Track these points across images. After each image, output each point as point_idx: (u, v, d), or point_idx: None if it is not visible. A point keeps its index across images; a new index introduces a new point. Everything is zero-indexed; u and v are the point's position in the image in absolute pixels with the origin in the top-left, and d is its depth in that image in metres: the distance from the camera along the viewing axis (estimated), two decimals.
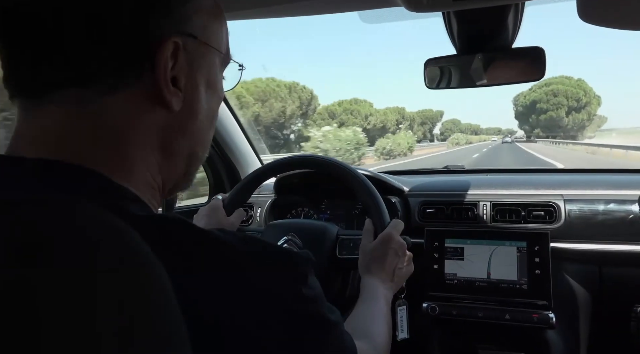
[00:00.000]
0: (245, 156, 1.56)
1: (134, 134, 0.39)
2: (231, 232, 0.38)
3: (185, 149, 0.44)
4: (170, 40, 0.38)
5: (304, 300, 0.39)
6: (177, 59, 0.39)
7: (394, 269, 0.81)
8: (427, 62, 1.05)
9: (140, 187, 0.39)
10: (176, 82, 0.40)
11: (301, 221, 1.34)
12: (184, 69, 0.40)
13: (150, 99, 0.39)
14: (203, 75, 0.43)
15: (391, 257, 0.81)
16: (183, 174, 0.46)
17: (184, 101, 0.41)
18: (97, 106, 0.37)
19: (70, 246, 0.24)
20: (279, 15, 0.88)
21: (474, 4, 0.74)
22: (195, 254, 0.33)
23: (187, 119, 0.42)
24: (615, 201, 1.11)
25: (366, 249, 0.85)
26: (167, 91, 0.39)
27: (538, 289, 1.04)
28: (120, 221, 0.28)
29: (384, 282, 0.79)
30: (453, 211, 1.21)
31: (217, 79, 0.46)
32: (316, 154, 1.04)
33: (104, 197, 0.34)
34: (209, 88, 0.44)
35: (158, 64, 0.38)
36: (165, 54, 0.38)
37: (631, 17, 0.68)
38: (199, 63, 0.42)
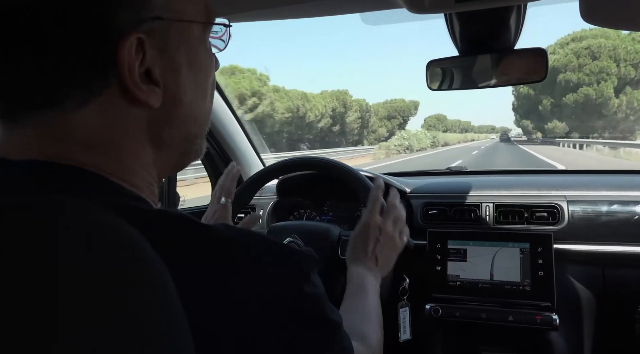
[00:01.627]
0: (246, 156, 1.56)
1: (118, 137, 0.37)
2: (235, 228, 0.38)
3: (178, 135, 0.42)
4: (129, 38, 0.34)
5: (306, 298, 0.38)
6: (145, 52, 0.35)
7: (376, 254, 0.78)
8: (429, 63, 1.05)
9: (136, 183, 0.39)
10: (150, 74, 0.37)
11: (303, 222, 1.34)
12: (156, 59, 0.37)
13: (125, 101, 0.36)
14: (182, 54, 0.39)
15: (372, 242, 0.79)
16: (185, 154, 0.44)
17: (164, 92, 0.38)
18: (71, 120, 0.35)
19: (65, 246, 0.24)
20: (280, 17, 0.88)
21: (475, 6, 0.74)
22: (197, 250, 0.33)
23: (172, 109, 0.39)
24: (619, 202, 1.10)
25: (351, 240, 0.82)
26: (139, 91, 0.36)
27: (541, 290, 1.04)
28: (117, 219, 0.28)
29: (369, 268, 0.77)
30: (456, 213, 1.21)
31: (200, 50, 0.42)
32: (318, 156, 1.04)
33: (101, 196, 0.34)
34: (192, 65, 0.41)
35: (121, 66, 0.34)
36: (126, 53, 0.34)
37: (634, 18, 0.67)
38: (173, 44, 0.38)
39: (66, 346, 0.22)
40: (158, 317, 0.26)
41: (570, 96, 41.66)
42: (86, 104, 0.35)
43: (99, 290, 0.24)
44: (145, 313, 0.25)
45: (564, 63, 42.10)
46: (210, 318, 0.32)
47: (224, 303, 0.33)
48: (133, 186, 0.38)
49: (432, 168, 1.75)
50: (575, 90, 41.39)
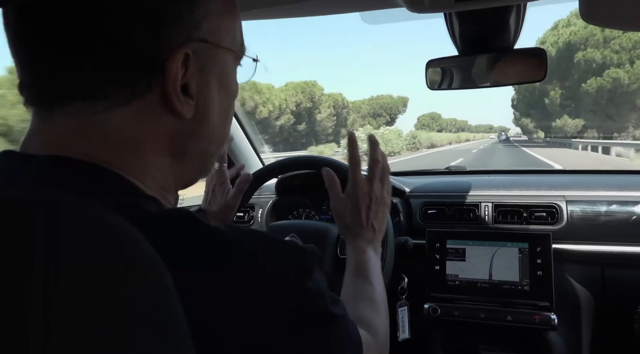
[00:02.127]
0: (246, 156, 1.56)
1: (145, 140, 0.39)
2: (236, 227, 0.38)
3: (198, 150, 0.44)
4: (180, 51, 0.38)
5: (309, 294, 0.39)
6: (188, 67, 0.39)
7: (370, 220, 0.73)
8: (429, 63, 1.05)
9: (151, 186, 0.40)
10: (187, 89, 0.40)
11: (302, 221, 1.34)
12: (195, 75, 0.40)
13: (161, 108, 0.39)
14: (215, 76, 0.43)
15: (364, 210, 0.73)
16: (198, 171, 0.46)
17: (195, 107, 0.41)
18: (109, 115, 0.37)
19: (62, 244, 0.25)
20: (280, 16, 0.88)
21: (475, 5, 0.74)
22: (198, 250, 0.34)
23: (199, 124, 0.42)
24: (618, 202, 1.11)
25: (338, 216, 0.75)
26: (177, 101, 0.39)
27: (540, 290, 1.04)
28: (117, 217, 0.28)
29: (368, 241, 0.72)
30: (455, 212, 1.21)
31: (230, 76, 0.46)
32: (316, 155, 1.04)
33: (114, 194, 0.35)
34: (221, 88, 0.44)
35: (168, 76, 0.38)
36: (175, 65, 0.38)
37: (634, 18, 0.67)
38: (211, 65, 0.42)
39: (63, 344, 0.22)
40: (156, 316, 0.26)
41: (593, 81, 29.52)
42: (127, 104, 0.37)
43: (95, 288, 0.24)
44: (142, 312, 0.25)
45: (582, 37, 30.76)
46: (212, 317, 0.32)
47: (226, 303, 0.33)
48: (147, 187, 0.39)
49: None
50: (599, 73, 29.58)
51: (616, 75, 28.94)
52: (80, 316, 0.23)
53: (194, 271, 0.32)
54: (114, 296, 0.24)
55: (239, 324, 0.33)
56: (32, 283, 0.23)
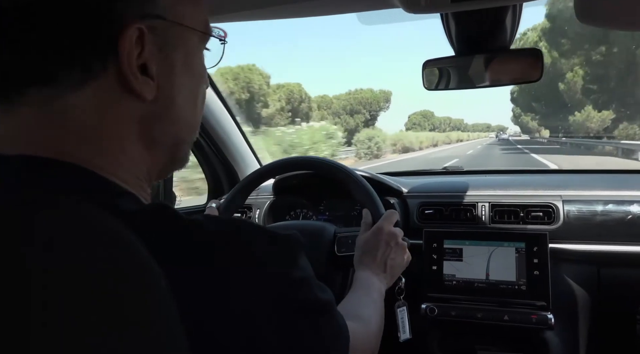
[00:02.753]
0: (243, 156, 1.56)
1: (109, 127, 0.38)
2: (217, 218, 0.38)
3: (168, 136, 0.42)
4: (132, 27, 0.36)
5: (294, 283, 0.38)
6: (144, 45, 0.37)
7: (386, 260, 0.80)
8: (426, 63, 1.05)
9: (125, 178, 0.39)
10: (146, 69, 0.38)
11: (299, 222, 1.34)
12: (153, 54, 0.38)
13: (120, 90, 0.37)
14: (178, 57, 0.41)
15: (383, 249, 0.81)
16: (170, 160, 0.45)
17: (158, 88, 0.39)
18: (67, 101, 0.35)
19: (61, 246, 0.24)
20: (277, 17, 0.88)
21: (471, 6, 0.75)
22: (181, 245, 0.33)
23: (164, 107, 0.40)
24: (614, 201, 1.11)
25: (360, 242, 0.84)
26: (135, 81, 0.37)
27: (537, 290, 1.04)
28: (108, 216, 0.28)
29: (376, 274, 0.78)
30: (452, 212, 1.21)
31: (196, 58, 0.44)
32: (313, 156, 1.04)
33: (90, 192, 0.34)
34: (187, 70, 0.42)
35: (121, 54, 0.36)
36: (128, 41, 0.36)
37: (630, 18, 0.68)
38: (172, 45, 0.40)
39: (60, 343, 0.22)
40: (151, 316, 0.26)
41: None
42: (82, 86, 0.35)
43: (92, 289, 0.24)
44: (138, 312, 0.25)
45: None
46: (201, 312, 0.32)
47: (213, 297, 0.33)
48: (122, 181, 0.38)
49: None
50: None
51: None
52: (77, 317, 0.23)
53: (179, 266, 0.32)
54: (110, 296, 0.24)
55: (227, 316, 0.33)
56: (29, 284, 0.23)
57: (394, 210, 0.88)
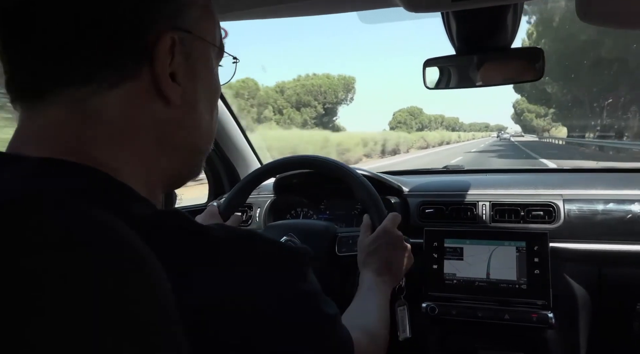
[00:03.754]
0: (244, 155, 1.56)
1: (134, 129, 0.39)
2: (229, 227, 0.38)
3: (186, 143, 0.44)
4: (167, 35, 0.38)
5: (302, 296, 0.39)
6: (174, 54, 0.39)
7: (391, 262, 0.81)
8: (426, 62, 1.05)
9: (141, 184, 0.39)
10: (174, 76, 0.40)
11: (300, 221, 1.34)
12: (181, 63, 0.40)
13: (149, 94, 0.39)
14: (200, 69, 0.44)
15: (387, 250, 0.82)
16: (187, 168, 0.47)
17: (182, 95, 0.41)
18: (98, 102, 0.37)
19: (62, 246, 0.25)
20: (278, 16, 0.88)
21: (472, 5, 0.75)
22: (193, 251, 0.34)
23: (186, 113, 0.43)
24: (615, 200, 1.11)
25: (363, 244, 0.85)
26: (166, 85, 0.39)
27: (537, 289, 1.04)
28: (114, 219, 0.28)
29: (380, 275, 0.79)
30: (452, 211, 1.21)
31: (213, 72, 0.47)
32: (314, 155, 1.04)
33: (105, 196, 0.35)
34: (205, 82, 0.45)
35: (157, 59, 0.38)
36: (163, 49, 0.38)
37: (631, 17, 0.68)
38: (195, 57, 0.43)
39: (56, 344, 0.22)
40: (150, 317, 0.26)
41: None
42: (116, 87, 0.37)
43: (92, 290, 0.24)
44: (137, 312, 0.25)
45: None
46: (207, 318, 0.32)
47: (220, 303, 0.33)
48: (137, 186, 0.39)
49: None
50: None
51: None
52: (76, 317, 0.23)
53: (189, 271, 0.32)
54: (109, 299, 0.25)
55: (233, 324, 0.33)
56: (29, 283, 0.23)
57: (397, 213, 0.88)
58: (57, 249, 0.24)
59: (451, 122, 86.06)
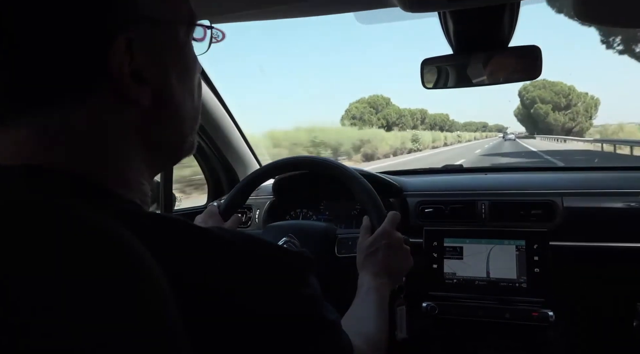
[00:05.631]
0: (243, 156, 1.56)
1: (110, 138, 0.37)
2: (231, 231, 0.38)
3: (169, 135, 0.42)
4: (118, 39, 0.35)
5: (303, 300, 0.39)
6: (133, 53, 0.36)
7: (390, 264, 0.80)
8: (424, 62, 1.05)
9: (129, 187, 0.39)
10: (139, 75, 0.37)
11: (300, 222, 1.33)
12: (143, 59, 0.37)
13: (118, 101, 0.37)
14: (167, 55, 0.40)
15: (385, 252, 0.81)
16: (176, 153, 0.45)
17: (153, 91, 0.38)
18: (65, 120, 0.35)
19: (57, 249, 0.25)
20: (274, 17, 0.88)
21: (469, 4, 0.74)
22: (194, 254, 0.33)
23: (163, 108, 0.40)
24: (613, 198, 1.11)
25: (362, 246, 0.84)
26: (131, 91, 0.37)
27: (537, 287, 1.04)
28: (111, 222, 0.28)
29: (379, 277, 0.79)
30: (452, 211, 1.21)
31: (185, 51, 0.43)
32: (312, 155, 1.04)
33: (96, 201, 0.34)
34: (177, 66, 0.42)
35: (112, 67, 0.35)
36: (117, 55, 0.35)
37: (627, 16, 0.67)
38: (159, 45, 0.39)
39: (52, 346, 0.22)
40: (153, 321, 0.26)
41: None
42: (78, 105, 0.35)
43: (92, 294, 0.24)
44: (140, 317, 0.25)
45: None
46: (205, 320, 0.32)
47: (219, 306, 0.33)
48: (124, 188, 0.38)
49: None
50: None
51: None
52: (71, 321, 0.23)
53: (188, 275, 0.32)
54: (108, 300, 0.25)
55: (233, 327, 0.33)
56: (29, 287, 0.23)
57: (397, 212, 0.87)
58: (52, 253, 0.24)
59: (437, 119, 68.72)
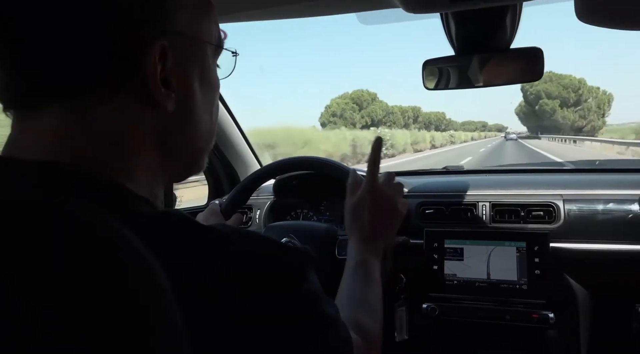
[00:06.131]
0: (243, 156, 1.56)
1: (131, 138, 0.39)
2: (231, 228, 0.38)
3: (186, 145, 0.44)
4: (156, 44, 0.38)
5: (304, 297, 0.39)
6: (166, 61, 0.39)
7: (377, 224, 0.74)
8: (426, 63, 1.05)
9: (141, 187, 0.39)
10: (168, 83, 0.40)
11: (300, 222, 1.34)
12: (173, 69, 0.40)
13: (143, 102, 0.39)
14: (195, 70, 0.43)
15: (374, 210, 0.73)
16: (188, 167, 0.47)
17: (177, 100, 0.41)
18: (92, 113, 0.37)
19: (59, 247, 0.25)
20: (277, 17, 0.88)
21: (471, 5, 0.75)
22: (195, 251, 0.34)
23: (183, 118, 0.42)
24: (615, 200, 1.11)
25: (347, 206, 0.77)
26: (158, 94, 0.39)
27: (538, 289, 1.04)
28: (114, 220, 0.28)
29: (366, 243, 0.73)
30: (452, 212, 1.21)
31: (211, 70, 0.46)
32: (313, 156, 1.04)
33: (105, 198, 0.35)
34: (203, 82, 0.44)
35: (147, 69, 0.38)
36: (152, 59, 0.38)
37: (629, 18, 0.67)
38: (189, 59, 0.42)
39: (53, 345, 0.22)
40: (153, 319, 0.26)
41: None
42: (109, 100, 0.37)
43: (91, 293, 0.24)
44: (139, 315, 0.25)
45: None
46: (206, 317, 0.32)
47: (219, 303, 0.33)
48: (138, 188, 0.39)
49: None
50: None
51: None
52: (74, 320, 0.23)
53: (190, 271, 0.32)
54: (109, 300, 0.25)
55: (235, 324, 0.33)
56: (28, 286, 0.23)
57: (391, 172, 0.79)
58: (57, 250, 0.24)
59: (432, 118, 63.59)
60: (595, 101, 47.95)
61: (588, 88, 47.97)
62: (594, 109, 47.11)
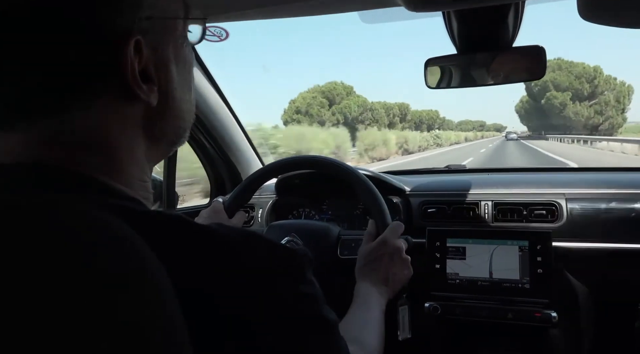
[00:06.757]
0: (246, 156, 1.56)
1: (116, 136, 0.39)
2: (230, 228, 0.38)
3: (170, 129, 0.44)
4: (130, 42, 0.36)
5: (302, 298, 0.39)
6: (142, 52, 0.38)
7: (389, 273, 0.81)
8: (428, 61, 1.05)
9: (130, 182, 0.39)
10: (147, 74, 0.39)
11: (302, 221, 1.34)
12: (149, 57, 0.39)
13: (124, 100, 0.38)
14: (169, 49, 0.42)
15: (386, 261, 0.81)
16: (173, 144, 0.47)
17: (158, 89, 0.40)
18: (74, 122, 0.36)
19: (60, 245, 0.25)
20: (277, 16, 0.88)
21: (473, 4, 0.74)
22: (193, 251, 0.34)
23: (165, 104, 0.42)
24: (617, 199, 1.10)
25: (362, 253, 0.85)
26: (141, 92, 0.38)
27: (540, 288, 1.04)
28: (114, 218, 0.28)
29: (376, 286, 0.79)
30: (455, 211, 1.21)
31: (184, 45, 0.45)
32: (317, 155, 1.04)
33: (99, 198, 0.34)
34: (178, 61, 0.43)
35: (124, 68, 0.36)
36: (128, 58, 0.36)
37: (632, 16, 0.67)
38: (162, 40, 0.41)
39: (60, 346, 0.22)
40: (153, 318, 0.26)
41: None
42: (87, 106, 0.36)
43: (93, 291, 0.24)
44: (140, 314, 0.25)
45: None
46: (206, 317, 0.32)
47: (220, 304, 0.33)
48: (126, 185, 0.39)
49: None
50: None
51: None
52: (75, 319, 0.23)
53: (189, 272, 0.32)
54: (110, 298, 0.25)
55: (233, 324, 0.33)
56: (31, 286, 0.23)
57: (400, 223, 0.87)
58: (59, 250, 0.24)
59: (424, 117, 57.03)
60: (614, 93, 39.05)
61: (605, 78, 39.78)
62: (613, 103, 39.36)
